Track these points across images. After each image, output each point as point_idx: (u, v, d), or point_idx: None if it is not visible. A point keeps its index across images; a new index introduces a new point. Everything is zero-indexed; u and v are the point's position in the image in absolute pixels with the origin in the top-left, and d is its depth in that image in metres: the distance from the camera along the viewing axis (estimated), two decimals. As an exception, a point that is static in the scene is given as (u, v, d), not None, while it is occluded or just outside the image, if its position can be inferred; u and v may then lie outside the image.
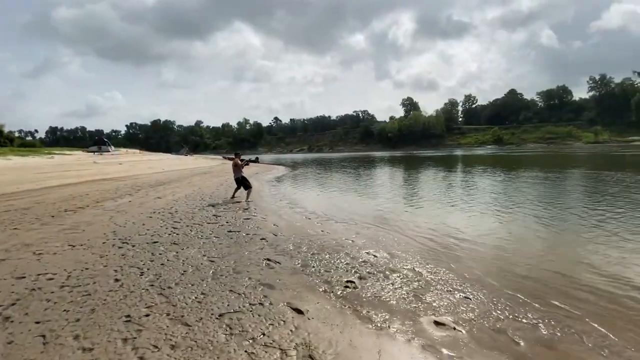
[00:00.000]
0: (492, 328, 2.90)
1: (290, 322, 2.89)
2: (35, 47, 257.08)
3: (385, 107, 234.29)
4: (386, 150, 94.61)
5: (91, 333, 2.71)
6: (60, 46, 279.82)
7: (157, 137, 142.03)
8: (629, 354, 2.58)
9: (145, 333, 2.71)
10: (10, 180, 14.08)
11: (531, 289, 3.72)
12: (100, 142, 49.99)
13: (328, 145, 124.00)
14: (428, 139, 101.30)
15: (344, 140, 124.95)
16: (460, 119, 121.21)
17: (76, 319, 2.94)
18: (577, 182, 13.55)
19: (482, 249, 5.27)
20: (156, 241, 5.51)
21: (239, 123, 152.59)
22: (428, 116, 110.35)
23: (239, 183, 10.23)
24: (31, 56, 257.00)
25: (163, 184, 14.36)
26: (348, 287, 3.68)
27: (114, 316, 2.99)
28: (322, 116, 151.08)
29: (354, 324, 2.90)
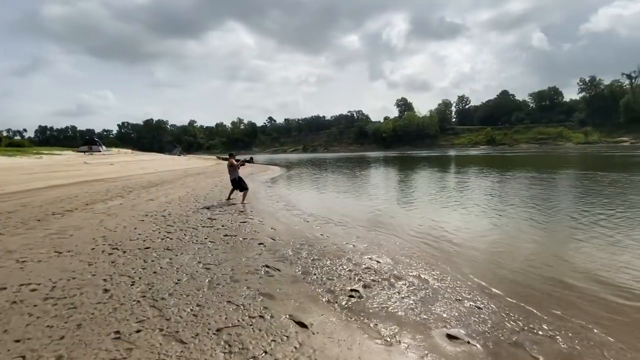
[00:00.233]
0: (508, 341, 2.73)
1: (294, 338, 2.69)
2: (23, 45, 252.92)
3: (379, 108, 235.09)
4: (381, 150, 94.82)
5: (76, 353, 2.48)
6: (50, 44, 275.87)
7: (150, 137, 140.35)
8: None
9: (136, 352, 2.48)
10: (-5, 181, 13.60)
11: (542, 298, 3.58)
12: (91, 142, 49.09)
13: (323, 145, 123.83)
14: (422, 140, 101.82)
15: (339, 140, 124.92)
16: (453, 120, 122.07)
17: (60, 337, 2.70)
18: (577, 183, 13.55)
19: (487, 255, 5.13)
20: (148, 247, 5.26)
21: (233, 123, 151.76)
22: (422, 117, 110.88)
23: (235, 184, 9.98)
24: (19, 54, 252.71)
25: (156, 185, 14.01)
26: (353, 297, 3.49)
27: (102, 332, 2.76)
28: (317, 116, 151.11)
29: (362, 339, 2.71)
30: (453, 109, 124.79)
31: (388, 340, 2.73)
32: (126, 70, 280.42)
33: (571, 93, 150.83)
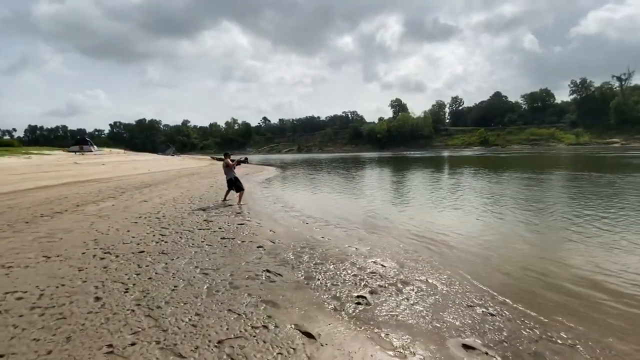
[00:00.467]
0: (528, 351, 2.59)
1: (301, 351, 2.51)
2: (13, 43, 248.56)
3: (373, 109, 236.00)
4: (375, 151, 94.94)
5: (65, 370, 2.27)
6: (40, 42, 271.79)
7: (143, 137, 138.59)
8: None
9: (131, 369, 2.29)
10: (-18, 182, 13.17)
11: (559, 304, 3.45)
12: (82, 142, 48.29)
13: (317, 145, 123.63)
14: (416, 140, 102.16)
15: (334, 140, 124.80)
16: (447, 121, 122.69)
17: (47, 351, 2.49)
18: (575, 184, 13.58)
19: (491, 259, 5.00)
20: (142, 250, 5.04)
21: (227, 123, 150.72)
22: (416, 117, 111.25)
23: (231, 185, 9.76)
24: (9, 52, 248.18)
25: (149, 186, 13.70)
26: (360, 304, 3.32)
27: (94, 346, 2.55)
28: (312, 117, 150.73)
29: (374, 351, 2.55)
30: (447, 110, 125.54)
31: (401, 351, 2.57)
32: (118, 69, 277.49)
33: (562, 95, 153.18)
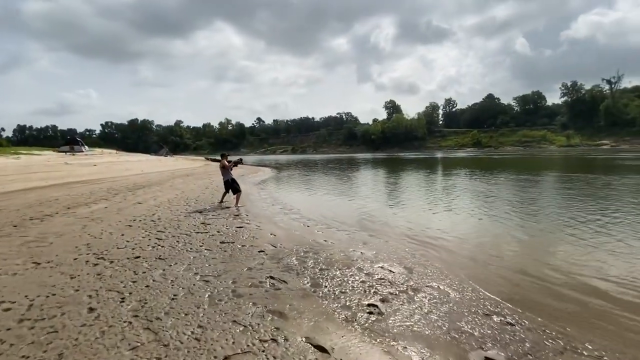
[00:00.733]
0: (554, 366, 2.45)
1: (315, 367, 2.34)
2: (2, 42, 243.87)
3: (367, 110, 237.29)
4: (370, 152, 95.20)
5: (57, 393, 2.06)
6: (30, 41, 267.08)
7: (135, 137, 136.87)
8: None
9: (130, 391, 2.09)
10: (-32, 183, 12.72)
11: (576, 313, 3.33)
12: (72, 142, 47.44)
13: (312, 146, 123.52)
14: (410, 142, 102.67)
15: (328, 141, 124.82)
16: (440, 122, 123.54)
17: (37, 371, 2.28)
18: (574, 186, 13.61)
19: (505, 263, 4.88)
20: (138, 256, 4.80)
21: (221, 123, 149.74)
22: (410, 119, 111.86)
23: (228, 186, 9.53)
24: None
25: (143, 187, 13.38)
26: (372, 314, 3.16)
27: (88, 365, 2.34)
28: (306, 117, 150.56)
29: (393, 367, 2.38)
30: (440, 112, 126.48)
31: (422, 367, 2.41)
32: (110, 68, 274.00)
33: (554, 97, 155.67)
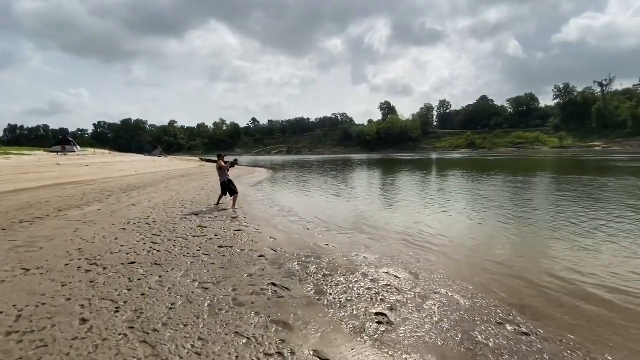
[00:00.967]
0: (576, 380, 2.34)
1: (326, 385, 2.19)
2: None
3: (362, 111, 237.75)
4: (365, 152, 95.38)
5: (46, 418, 1.89)
6: (21, 39, 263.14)
7: (128, 137, 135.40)
8: None
9: (127, 414, 1.92)
10: (-46, 184, 12.33)
11: (591, 320, 3.23)
12: (64, 142, 46.75)
13: (307, 147, 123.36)
14: (405, 143, 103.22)
15: (323, 142, 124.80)
16: (435, 124, 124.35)
17: (24, 392, 2.09)
18: (573, 187, 13.65)
19: (513, 269, 4.78)
20: (133, 261, 4.61)
21: (215, 123, 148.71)
22: (405, 120, 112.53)
23: (225, 187, 9.34)
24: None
25: (137, 189, 13.10)
26: (381, 323, 3.02)
27: (81, 384, 2.17)
28: (301, 118, 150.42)
29: (409, 383, 2.25)
30: (435, 113, 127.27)
31: (438, 382, 2.27)
32: (103, 68, 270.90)
33: (546, 99, 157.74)
